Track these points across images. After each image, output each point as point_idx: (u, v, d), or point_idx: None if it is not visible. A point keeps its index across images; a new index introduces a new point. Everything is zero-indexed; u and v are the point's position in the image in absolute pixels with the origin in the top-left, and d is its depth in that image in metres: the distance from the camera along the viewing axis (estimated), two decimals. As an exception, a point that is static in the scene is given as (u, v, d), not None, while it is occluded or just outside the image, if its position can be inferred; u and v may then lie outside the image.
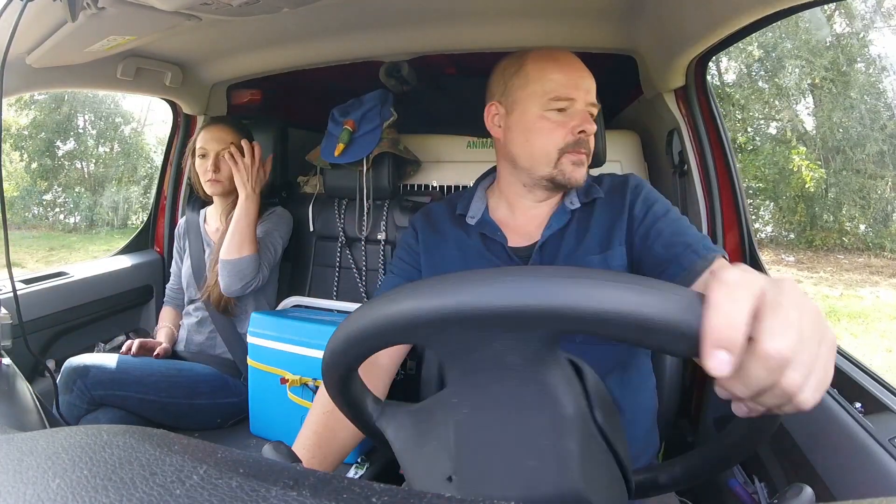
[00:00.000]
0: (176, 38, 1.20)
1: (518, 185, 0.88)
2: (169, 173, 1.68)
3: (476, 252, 0.86)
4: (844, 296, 5.44)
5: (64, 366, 1.12)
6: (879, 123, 6.76)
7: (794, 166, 6.63)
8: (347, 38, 1.33)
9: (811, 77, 6.90)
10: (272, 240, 1.37)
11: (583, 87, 0.82)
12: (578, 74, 0.82)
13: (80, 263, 1.52)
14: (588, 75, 0.83)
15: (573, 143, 0.81)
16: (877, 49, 7.01)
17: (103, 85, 1.30)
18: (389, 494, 0.27)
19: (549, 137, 0.82)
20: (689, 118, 1.25)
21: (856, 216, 6.94)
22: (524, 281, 0.34)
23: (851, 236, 7.00)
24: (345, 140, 1.42)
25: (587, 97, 0.82)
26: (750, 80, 7.54)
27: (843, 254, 6.92)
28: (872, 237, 6.88)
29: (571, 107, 0.82)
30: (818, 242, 7.07)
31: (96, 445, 0.34)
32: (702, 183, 1.25)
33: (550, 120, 0.81)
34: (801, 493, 0.41)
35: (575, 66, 0.83)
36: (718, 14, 0.90)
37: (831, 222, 7.01)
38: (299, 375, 1.13)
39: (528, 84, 0.83)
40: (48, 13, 0.85)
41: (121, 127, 10.17)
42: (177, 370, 1.24)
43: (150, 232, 1.73)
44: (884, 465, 0.59)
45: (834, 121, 6.90)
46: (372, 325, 0.39)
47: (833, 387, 0.74)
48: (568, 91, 0.81)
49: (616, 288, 0.33)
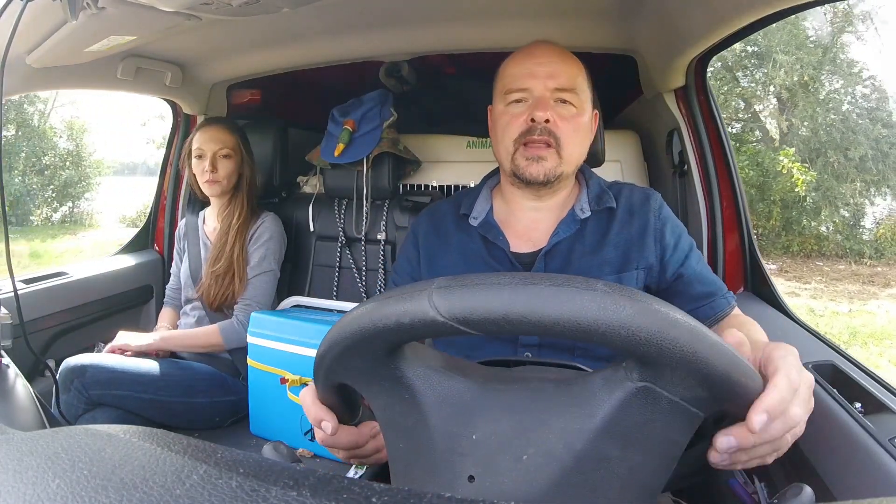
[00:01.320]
0: (176, 38, 1.20)
1: (508, 186, 0.86)
2: (169, 173, 1.68)
3: (478, 257, 0.83)
4: (854, 312, 5.11)
5: (61, 366, 1.13)
6: (863, 127, 6.64)
7: (782, 168, 6.38)
8: (347, 38, 1.33)
9: (797, 74, 6.73)
10: (268, 265, 1.38)
11: (541, 74, 0.78)
12: (536, 62, 0.79)
13: (79, 263, 1.52)
14: (553, 60, 0.79)
15: (525, 131, 0.77)
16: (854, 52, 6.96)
17: (103, 85, 1.30)
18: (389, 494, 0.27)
19: (506, 131, 0.79)
20: (689, 118, 1.25)
21: (836, 221, 6.76)
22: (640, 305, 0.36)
23: (831, 243, 6.78)
24: (345, 140, 1.42)
25: (548, 83, 0.77)
26: (731, 75, 7.34)
27: (821, 260, 6.71)
28: (852, 244, 6.68)
29: (529, 96, 0.78)
30: (795, 248, 6.83)
31: (96, 445, 0.34)
32: (702, 183, 1.25)
33: (509, 113, 0.79)
34: (801, 493, 0.41)
35: (535, 55, 0.80)
36: (718, 14, 0.90)
37: (811, 228, 6.79)
38: (299, 375, 1.13)
39: (497, 82, 0.84)
40: (48, 13, 0.85)
41: (24, 106, 8.98)
42: (174, 369, 1.24)
43: (150, 232, 1.73)
44: (884, 465, 0.59)
45: (818, 122, 6.75)
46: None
47: (833, 387, 0.74)
48: (521, 81, 0.78)
49: (719, 350, 0.37)
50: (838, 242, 6.75)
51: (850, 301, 5.46)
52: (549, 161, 0.77)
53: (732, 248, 1.22)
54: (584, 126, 0.81)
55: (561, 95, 0.78)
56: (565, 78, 0.78)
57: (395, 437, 0.45)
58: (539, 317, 0.36)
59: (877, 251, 6.63)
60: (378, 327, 0.39)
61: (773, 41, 6.58)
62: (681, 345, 0.35)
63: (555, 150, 0.77)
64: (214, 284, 1.33)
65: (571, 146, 0.79)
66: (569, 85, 0.78)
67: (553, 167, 0.78)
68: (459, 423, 0.42)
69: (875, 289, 5.87)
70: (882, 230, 6.74)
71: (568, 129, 0.78)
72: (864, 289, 5.86)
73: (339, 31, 1.30)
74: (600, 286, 0.36)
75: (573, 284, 0.36)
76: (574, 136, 0.79)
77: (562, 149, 0.77)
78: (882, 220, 6.89)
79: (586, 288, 0.36)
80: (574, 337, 0.36)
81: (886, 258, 6.57)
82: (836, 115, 6.81)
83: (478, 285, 0.37)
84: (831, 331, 4.47)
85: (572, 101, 0.78)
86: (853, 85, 6.93)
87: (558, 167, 0.78)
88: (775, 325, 0.99)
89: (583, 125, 0.80)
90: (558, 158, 0.78)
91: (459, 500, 0.27)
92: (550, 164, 0.77)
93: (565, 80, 0.78)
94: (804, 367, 0.45)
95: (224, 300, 1.34)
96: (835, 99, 6.95)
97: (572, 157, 0.80)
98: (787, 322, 1.01)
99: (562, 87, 0.78)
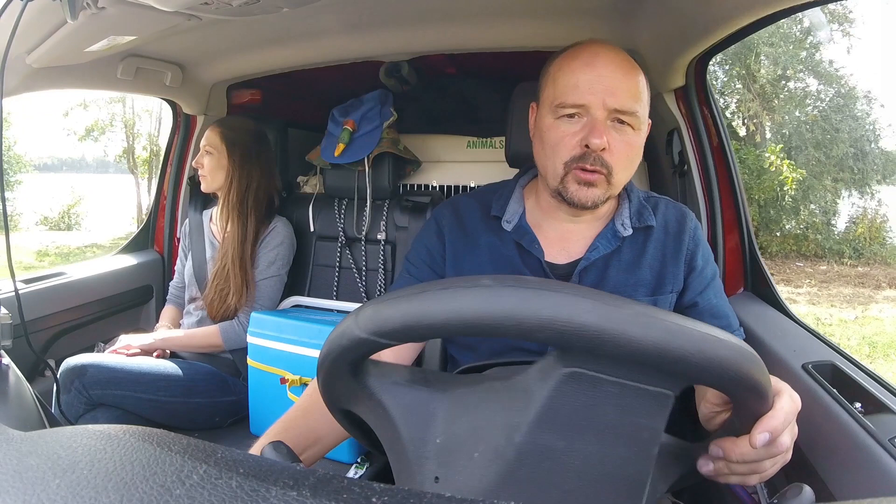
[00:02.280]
0: (176, 38, 1.20)
1: (548, 196, 0.79)
2: (169, 173, 1.68)
3: (510, 265, 0.78)
4: (861, 319, 4.86)
5: (62, 366, 1.13)
6: (847, 125, 6.56)
7: (769, 165, 6.25)
8: (347, 38, 1.33)
9: (783, 69, 6.64)
10: (276, 270, 1.38)
11: (599, 91, 0.69)
12: (596, 74, 0.70)
13: (79, 264, 1.52)
14: (615, 74, 0.70)
15: (578, 157, 0.70)
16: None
17: (103, 85, 1.30)
18: (389, 494, 0.27)
19: (556, 149, 0.72)
20: (689, 118, 1.25)
21: (816, 221, 6.67)
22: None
23: (810, 243, 6.66)
24: (345, 140, 1.42)
25: (608, 101, 0.69)
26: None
27: (801, 261, 6.57)
28: (832, 243, 6.59)
29: (586, 114, 0.71)
30: (774, 249, 6.66)
31: (96, 445, 0.34)
32: (702, 183, 1.25)
33: (559, 129, 0.72)
34: (801, 493, 0.41)
35: (595, 65, 0.71)
36: (718, 14, 0.89)
37: (789, 227, 6.68)
38: (299, 375, 1.13)
39: (546, 86, 0.76)
40: (48, 13, 0.85)
41: None
42: (174, 369, 1.24)
43: (150, 232, 1.73)
44: (884, 465, 0.59)
45: (802, 118, 6.67)
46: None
47: (833, 387, 0.74)
48: (577, 96, 0.70)
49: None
50: (818, 242, 6.66)
51: (850, 306, 5.30)
52: (600, 188, 0.72)
53: (732, 248, 1.22)
54: (640, 146, 0.75)
55: (620, 116, 0.71)
56: (627, 97, 0.70)
57: (386, 449, 0.47)
58: (430, 321, 0.38)
59: (855, 251, 6.55)
60: (337, 347, 0.42)
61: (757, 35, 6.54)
62: (578, 324, 0.36)
63: (605, 177, 0.72)
64: (217, 298, 1.33)
65: (623, 173, 0.73)
66: (630, 107, 0.70)
67: (602, 193, 0.73)
68: (424, 429, 0.44)
69: (868, 291, 5.73)
70: (861, 229, 6.65)
71: (622, 155, 0.72)
72: (858, 291, 5.73)
73: (339, 31, 1.30)
74: (484, 281, 0.38)
75: (457, 285, 0.38)
76: (628, 163, 0.73)
77: (612, 176, 0.72)
78: (859, 219, 6.80)
79: (471, 286, 0.38)
80: (466, 333, 0.38)
81: (866, 258, 6.48)
82: (817, 111, 6.74)
83: (388, 300, 0.40)
84: (849, 343, 4.27)
85: (631, 123, 0.71)
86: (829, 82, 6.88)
87: (607, 192, 0.74)
88: (775, 325, 0.99)
89: (638, 146, 0.74)
90: (608, 185, 0.73)
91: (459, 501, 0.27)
92: (600, 192, 0.73)
93: (627, 100, 0.70)
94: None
95: (227, 312, 1.33)
96: (814, 95, 6.89)
97: (622, 181, 0.75)
98: (788, 322, 1.01)
99: (622, 110, 0.70)
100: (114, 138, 9.06)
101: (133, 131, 9.00)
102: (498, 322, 0.36)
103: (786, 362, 0.82)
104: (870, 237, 6.62)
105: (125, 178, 9.84)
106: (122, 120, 8.87)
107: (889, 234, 6.76)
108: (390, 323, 0.39)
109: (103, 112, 8.69)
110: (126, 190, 9.59)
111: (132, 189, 9.27)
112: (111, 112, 8.75)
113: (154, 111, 8.73)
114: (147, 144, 9.09)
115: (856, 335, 4.45)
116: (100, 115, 8.69)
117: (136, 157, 9.10)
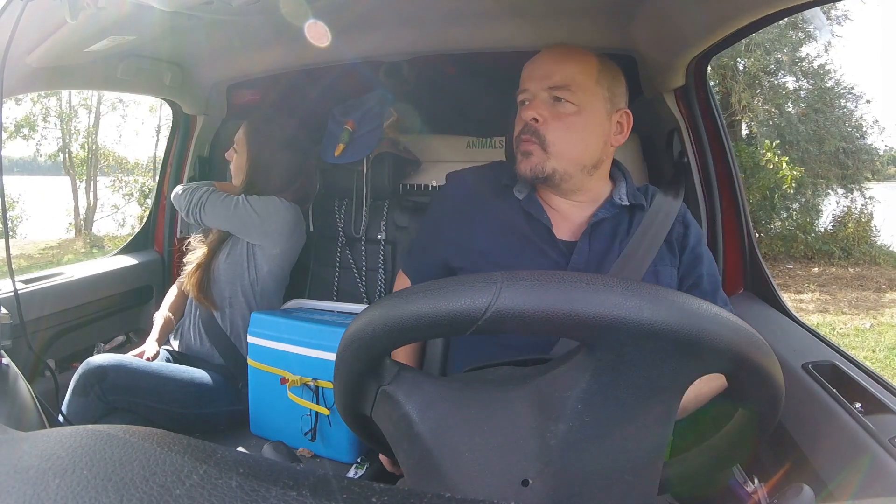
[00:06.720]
0: (176, 38, 1.20)
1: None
2: (169, 173, 1.68)
3: (518, 231, 0.82)
4: (876, 327, 4.61)
5: (81, 366, 1.09)
6: (836, 122, 6.46)
7: (767, 163, 6.09)
8: (347, 38, 1.33)
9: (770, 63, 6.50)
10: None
11: (537, 75, 0.80)
12: (536, 65, 0.81)
13: (79, 264, 1.52)
14: (551, 60, 0.81)
15: (520, 131, 0.81)
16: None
17: (103, 85, 1.31)
18: (389, 494, 0.27)
19: (515, 134, 0.83)
20: (689, 118, 1.25)
21: (808, 220, 6.54)
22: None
23: (799, 244, 6.49)
24: (345, 140, 1.42)
25: (543, 82, 0.79)
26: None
27: (791, 263, 6.39)
28: (821, 244, 6.45)
29: (531, 98, 0.81)
30: (763, 250, 6.33)
31: (96, 445, 0.34)
32: (702, 183, 1.25)
33: (518, 117, 0.83)
34: (801, 493, 0.41)
35: (537, 58, 0.82)
36: (718, 14, 0.90)
37: (778, 227, 6.54)
38: (299, 375, 1.13)
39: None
40: (48, 13, 0.85)
41: None
42: (190, 379, 1.22)
43: (150, 232, 1.73)
44: (884, 465, 0.59)
45: (793, 113, 6.53)
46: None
47: (833, 387, 0.74)
48: (523, 83, 0.81)
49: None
50: (807, 243, 6.51)
51: (857, 311, 5.05)
52: (535, 157, 0.79)
53: (732, 248, 1.22)
54: (584, 124, 0.80)
55: (556, 94, 0.79)
56: (560, 76, 0.79)
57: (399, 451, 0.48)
58: (391, 328, 0.40)
59: (844, 251, 6.43)
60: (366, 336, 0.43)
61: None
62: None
63: (539, 146, 0.78)
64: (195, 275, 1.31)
65: (562, 143, 0.79)
66: (562, 82, 0.78)
67: (539, 163, 0.79)
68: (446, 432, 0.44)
69: (870, 294, 5.53)
70: (850, 229, 6.53)
71: (559, 127, 0.78)
72: (862, 295, 5.51)
73: (340, 31, 1.30)
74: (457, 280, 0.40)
75: (439, 286, 0.40)
76: (566, 134, 0.79)
77: (547, 145, 0.78)
78: (846, 219, 6.68)
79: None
80: (446, 334, 0.40)
81: (854, 258, 6.36)
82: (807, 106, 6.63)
83: (382, 304, 0.42)
84: (875, 355, 3.90)
85: (569, 99, 0.79)
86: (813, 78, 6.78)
87: (545, 163, 0.79)
88: (776, 325, 0.99)
89: (580, 123, 0.79)
90: (543, 154, 0.78)
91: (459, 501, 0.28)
92: (536, 160, 0.79)
93: (559, 79, 0.78)
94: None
95: (200, 285, 1.31)
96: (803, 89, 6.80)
97: (564, 153, 0.79)
98: (788, 322, 1.01)
99: (555, 86, 0.78)
100: (47, 135, 7.72)
101: (69, 127, 7.78)
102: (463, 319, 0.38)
103: (786, 362, 0.83)
104: (857, 237, 6.50)
105: (60, 179, 8.35)
106: (58, 114, 7.63)
107: (875, 235, 6.67)
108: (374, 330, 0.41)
109: (37, 107, 7.43)
110: (61, 193, 8.11)
111: (68, 192, 7.86)
112: (45, 106, 7.49)
113: (93, 105, 7.62)
114: (85, 142, 7.90)
115: (881, 346, 4.15)
116: (33, 109, 7.40)
117: (74, 157, 7.88)
